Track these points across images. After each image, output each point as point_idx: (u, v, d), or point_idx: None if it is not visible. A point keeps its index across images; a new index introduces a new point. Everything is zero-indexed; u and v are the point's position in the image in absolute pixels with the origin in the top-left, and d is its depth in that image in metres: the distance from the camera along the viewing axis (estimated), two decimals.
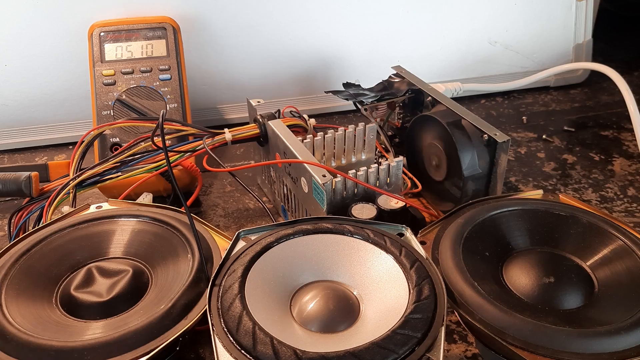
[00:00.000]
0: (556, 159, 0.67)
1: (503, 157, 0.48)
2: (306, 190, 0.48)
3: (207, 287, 0.36)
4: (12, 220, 0.50)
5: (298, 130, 0.55)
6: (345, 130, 0.53)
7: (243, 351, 0.31)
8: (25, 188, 0.50)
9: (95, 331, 0.35)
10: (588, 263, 0.40)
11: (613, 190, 0.61)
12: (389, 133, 0.62)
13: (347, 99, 0.58)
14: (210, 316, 0.33)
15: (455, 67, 0.79)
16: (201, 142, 0.52)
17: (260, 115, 0.54)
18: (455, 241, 0.40)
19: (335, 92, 0.59)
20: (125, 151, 0.53)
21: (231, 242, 0.39)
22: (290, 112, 0.56)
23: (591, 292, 0.38)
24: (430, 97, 0.56)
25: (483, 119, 0.50)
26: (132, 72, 0.62)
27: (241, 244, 0.39)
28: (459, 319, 0.37)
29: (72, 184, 0.50)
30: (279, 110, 0.55)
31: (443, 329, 0.32)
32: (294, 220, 0.41)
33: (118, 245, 0.42)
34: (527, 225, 0.42)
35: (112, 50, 0.63)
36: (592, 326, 0.34)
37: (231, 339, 0.32)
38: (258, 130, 0.54)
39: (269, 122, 0.53)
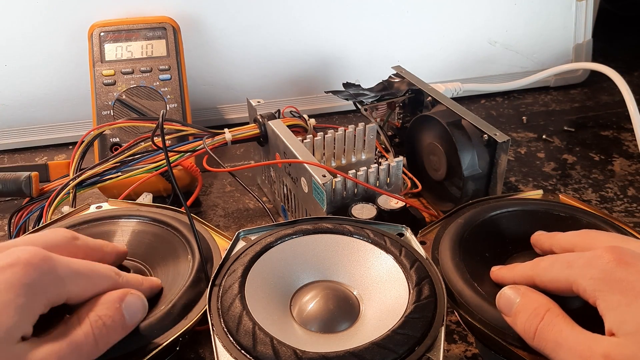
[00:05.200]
0: (556, 159, 0.67)
1: (503, 157, 0.48)
2: (306, 190, 0.48)
3: (207, 287, 0.36)
4: (12, 220, 0.50)
5: (298, 130, 0.55)
6: (345, 130, 0.53)
7: (243, 351, 0.31)
8: (25, 188, 0.50)
9: None
10: None
11: (613, 190, 0.61)
12: (389, 133, 0.62)
13: (347, 99, 0.58)
14: (210, 316, 0.33)
15: (455, 67, 0.79)
16: (201, 142, 0.52)
17: (260, 115, 0.54)
18: (455, 241, 0.40)
19: (335, 92, 0.59)
20: (125, 151, 0.53)
21: (231, 242, 0.39)
22: (290, 112, 0.56)
23: None
24: (430, 97, 0.56)
25: (483, 119, 0.50)
26: (132, 72, 0.62)
27: (241, 244, 0.39)
28: (459, 319, 0.37)
29: (72, 184, 0.50)
30: (279, 110, 0.55)
31: (443, 329, 0.32)
32: (294, 220, 0.41)
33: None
34: (527, 227, 0.42)
35: (112, 50, 0.63)
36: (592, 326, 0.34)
37: (231, 339, 0.32)
38: (258, 130, 0.54)
39: (269, 122, 0.53)
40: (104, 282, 0.33)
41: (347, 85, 0.60)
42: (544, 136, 0.71)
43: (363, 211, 0.45)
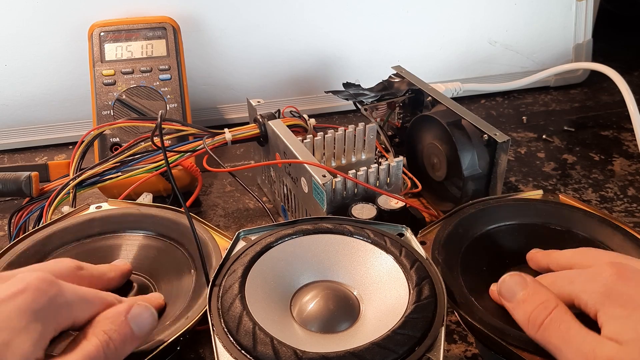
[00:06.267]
0: (556, 159, 0.67)
1: (503, 157, 0.48)
2: (306, 190, 0.48)
3: (207, 287, 0.36)
4: (12, 220, 0.50)
5: (298, 130, 0.55)
6: (345, 130, 0.53)
7: (243, 351, 0.31)
8: (25, 188, 0.50)
9: None
10: None
11: (613, 190, 0.61)
12: (389, 133, 0.62)
13: (347, 99, 0.58)
14: (210, 316, 0.33)
15: (455, 67, 0.79)
16: (201, 142, 0.52)
17: (260, 115, 0.54)
18: (453, 255, 0.40)
19: (335, 92, 0.59)
20: (125, 151, 0.53)
21: (231, 242, 0.39)
22: (290, 112, 0.56)
23: None
24: (430, 97, 0.56)
25: (483, 119, 0.50)
26: (132, 72, 0.62)
27: (241, 244, 0.39)
28: (458, 319, 0.37)
29: (72, 184, 0.50)
30: (279, 110, 0.55)
31: (443, 329, 0.32)
32: (294, 220, 0.41)
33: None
34: (524, 241, 0.42)
35: (112, 50, 0.63)
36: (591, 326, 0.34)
37: (231, 339, 0.32)
38: (258, 130, 0.54)
39: (269, 122, 0.53)
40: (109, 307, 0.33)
41: (347, 85, 0.60)
42: (544, 136, 0.71)
43: (363, 211, 0.45)
